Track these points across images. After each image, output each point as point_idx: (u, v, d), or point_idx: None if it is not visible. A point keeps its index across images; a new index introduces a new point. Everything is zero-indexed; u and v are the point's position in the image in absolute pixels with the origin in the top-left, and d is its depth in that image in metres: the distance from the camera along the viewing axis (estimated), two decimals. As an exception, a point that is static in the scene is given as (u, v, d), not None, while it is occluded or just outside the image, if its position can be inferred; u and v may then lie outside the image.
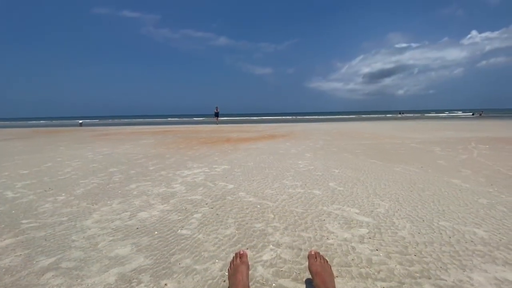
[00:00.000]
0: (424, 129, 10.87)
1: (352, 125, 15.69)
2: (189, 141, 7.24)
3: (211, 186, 2.83)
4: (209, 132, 11.10)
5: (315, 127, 13.87)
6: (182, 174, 3.37)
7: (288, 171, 3.46)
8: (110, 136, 9.87)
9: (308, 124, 17.88)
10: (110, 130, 14.26)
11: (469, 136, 7.29)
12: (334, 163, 3.89)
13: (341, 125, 15.38)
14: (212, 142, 6.92)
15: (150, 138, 8.58)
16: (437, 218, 1.94)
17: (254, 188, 2.73)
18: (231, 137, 8.32)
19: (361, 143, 6.26)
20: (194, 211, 2.15)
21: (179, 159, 4.44)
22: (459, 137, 7.18)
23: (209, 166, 3.82)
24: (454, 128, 10.81)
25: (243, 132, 10.79)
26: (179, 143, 6.91)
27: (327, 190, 2.60)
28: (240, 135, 9.05)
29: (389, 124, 16.29)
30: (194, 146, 6.22)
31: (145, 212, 2.16)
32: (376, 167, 3.61)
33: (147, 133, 11.13)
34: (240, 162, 4.09)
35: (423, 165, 3.68)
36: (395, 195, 2.42)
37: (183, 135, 9.39)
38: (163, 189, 2.75)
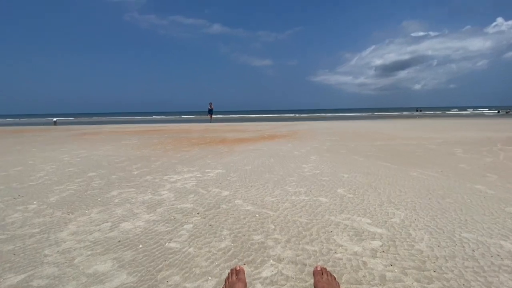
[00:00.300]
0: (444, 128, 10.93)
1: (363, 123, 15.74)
2: (179, 142, 7.23)
3: (203, 193, 2.83)
4: (201, 131, 11.10)
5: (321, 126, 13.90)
6: (171, 180, 3.36)
7: (291, 176, 3.46)
8: (88, 136, 9.84)
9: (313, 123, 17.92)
10: (89, 129, 14.22)
11: (494, 136, 7.34)
12: (343, 167, 3.90)
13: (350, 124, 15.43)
14: (204, 143, 6.92)
15: (134, 138, 8.57)
16: (459, 229, 1.94)
17: (253, 195, 2.73)
18: (226, 138, 8.32)
19: (373, 144, 6.28)
20: (184, 222, 2.14)
21: (166, 162, 4.43)
22: (483, 137, 7.22)
23: (201, 170, 3.82)
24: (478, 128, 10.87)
25: (240, 131, 10.80)
26: (167, 144, 6.90)
27: (335, 198, 2.61)
28: (236, 135, 9.05)
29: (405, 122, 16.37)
30: (184, 147, 6.21)
31: (128, 222, 2.15)
32: (390, 171, 3.62)
33: (131, 132, 11.11)
34: (236, 166, 4.09)
35: (443, 169, 3.69)
36: (412, 203, 2.43)
37: (171, 135, 9.37)
38: (148, 197, 2.74)
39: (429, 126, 12.23)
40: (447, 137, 7.52)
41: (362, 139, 7.38)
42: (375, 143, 6.38)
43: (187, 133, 10.37)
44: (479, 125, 12.77)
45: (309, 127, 13.18)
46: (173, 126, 16.23)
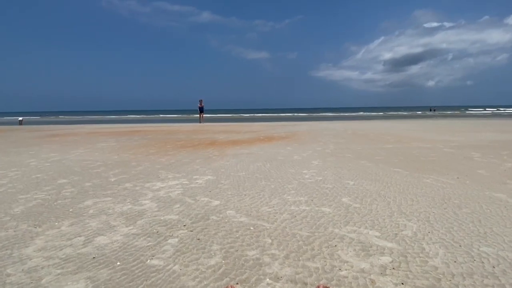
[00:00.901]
0: (461, 129, 11.08)
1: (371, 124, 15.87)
2: (163, 145, 7.21)
3: (190, 202, 2.82)
4: (189, 132, 11.07)
5: (324, 126, 13.98)
6: (153, 187, 3.35)
7: (290, 183, 3.47)
8: (59, 137, 9.75)
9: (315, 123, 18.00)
10: (60, 129, 14.09)
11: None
12: (348, 173, 3.92)
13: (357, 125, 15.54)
14: (192, 146, 6.90)
15: (112, 140, 8.52)
16: (477, 242, 1.96)
17: (247, 205, 2.73)
18: (217, 140, 8.31)
19: (382, 147, 6.33)
20: (169, 235, 2.13)
21: (149, 168, 4.41)
22: (504, 140, 7.33)
23: (188, 177, 3.80)
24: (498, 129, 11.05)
25: (233, 132, 10.80)
26: (149, 146, 6.87)
27: (340, 208, 2.61)
28: (228, 137, 9.05)
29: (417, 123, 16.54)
30: (169, 150, 6.18)
31: (105, 236, 2.13)
32: (401, 178, 3.65)
33: (109, 133, 11.05)
34: (228, 172, 4.08)
35: (460, 175, 3.74)
36: (425, 214, 2.45)
37: (155, 137, 9.34)
38: (128, 207, 2.72)
39: (444, 127, 12.38)
40: (464, 139, 7.62)
41: (370, 141, 7.43)
42: (384, 146, 6.43)
43: (172, 134, 10.34)
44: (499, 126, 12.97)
45: (311, 128, 13.24)
46: (157, 126, 16.16)
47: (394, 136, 8.62)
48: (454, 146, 6.35)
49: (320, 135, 9.20)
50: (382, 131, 10.60)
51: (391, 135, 9.10)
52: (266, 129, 12.78)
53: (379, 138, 8.25)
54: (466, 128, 12.07)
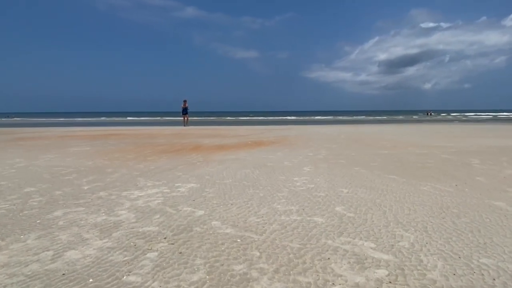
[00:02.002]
0: (458, 134, 11.37)
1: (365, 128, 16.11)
2: (142, 149, 7.14)
3: (172, 212, 2.79)
4: (171, 136, 10.98)
5: (316, 130, 14.11)
6: (131, 196, 3.30)
7: (280, 191, 3.47)
8: (27, 141, 9.51)
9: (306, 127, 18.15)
10: (27, 132, 13.74)
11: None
12: (342, 180, 3.95)
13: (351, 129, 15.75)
14: (174, 151, 6.85)
15: (86, 144, 8.38)
16: (477, 254, 2.01)
17: (233, 215, 2.71)
18: (201, 144, 8.27)
19: (377, 153, 6.42)
20: (147, 249, 2.09)
21: (126, 175, 4.35)
22: (503, 145, 7.57)
23: (169, 185, 3.77)
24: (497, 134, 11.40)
25: (219, 137, 10.77)
26: (127, 151, 6.79)
27: (333, 217, 2.63)
28: (214, 141, 9.02)
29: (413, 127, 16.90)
30: (148, 156, 6.13)
31: (76, 250, 2.08)
32: (397, 185, 3.71)
33: (82, 137, 10.86)
34: (213, 179, 4.06)
35: (458, 182, 3.82)
36: (423, 224, 2.49)
37: (133, 141, 9.24)
38: (102, 218, 2.67)
39: (441, 132, 12.69)
40: (462, 145, 7.82)
41: (364, 147, 7.54)
42: (379, 152, 6.53)
43: (153, 138, 10.24)
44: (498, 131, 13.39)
45: (302, 132, 13.34)
46: (135, 129, 15.97)
47: (390, 141, 8.77)
48: (452, 152, 6.51)
49: (312, 140, 9.27)
50: (377, 136, 10.78)
51: (387, 140, 9.26)
52: (255, 133, 12.81)
53: (374, 143, 8.38)
54: (464, 133, 12.40)
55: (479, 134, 11.81)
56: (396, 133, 12.64)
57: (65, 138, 10.61)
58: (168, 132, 13.56)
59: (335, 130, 14.84)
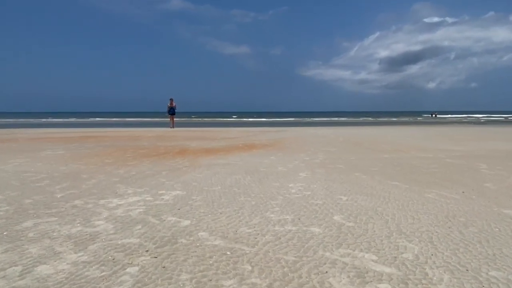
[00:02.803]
0: (465, 137, 11.55)
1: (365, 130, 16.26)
2: (122, 153, 7.09)
3: (154, 223, 2.76)
4: (155, 139, 10.92)
5: (313, 133, 14.18)
6: (109, 205, 3.27)
7: (274, 198, 3.47)
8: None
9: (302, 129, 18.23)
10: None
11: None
12: (341, 187, 3.97)
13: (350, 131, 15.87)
14: (158, 155, 6.82)
15: (60, 147, 8.29)
16: (485, 266, 2.02)
17: (222, 225, 2.70)
18: (188, 147, 8.24)
19: (379, 157, 6.48)
20: (127, 263, 2.07)
21: (104, 181, 4.31)
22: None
23: (152, 192, 3.74)
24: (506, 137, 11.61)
25: (207, 139, 10.75)
26: (105, 155, 6.74)
27: (331, 227, 2.63)
28: (201, 144, 9.00)
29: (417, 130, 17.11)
30: (129, 160, 6.08)
31: (47, 265, 2.04)
32: (400, 192, 3.74)
33: (56, 139, 10.74)
34: (200, 186, 4.04)
35: (465, 189, 3.87)
36: (428, 234, 2.50)
37: (112, 144, 9.17)
38: (77, 229, 2.63)
39: (447, 135, 12.87)
40: (469, 148, 7.94)
41: (364, 150, 7.59)
42: (380, 156, 6.58)
43: (134, 140, 10.17)
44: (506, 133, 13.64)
45: (297, 134, 13.39)
46: (116, 131, 15.84)
47: (392, 145, 8.86)
48: (458, 156, 6.60)
49: (308, 143, 9.31)
50: (378, 139, 10.88)
51: (388, 143, 9.35)
52: (246, 135, 12.81)
53: (374, 146, 8.45)
54: (470, 135, 12.60)
55: (487, 136, 12.01)
56: (398, 135, 12.77)
57: (37, 140, 10.47)
58: (152, 134, 13.48)
59: (333, 132, 14.94)
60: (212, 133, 14.43)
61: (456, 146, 8.44)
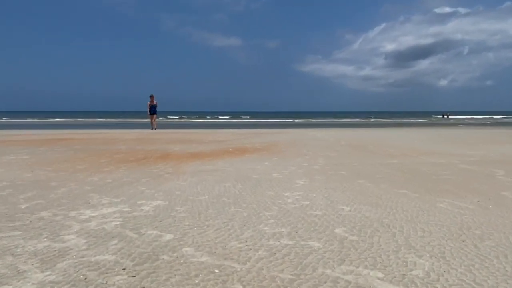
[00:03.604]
0: (480, 140, 11.68)
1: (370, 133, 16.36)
2: (96, 158, 7.05)
3: (133, 237, 2.74)
4: (133, 141, 10.86)
5: (311, 135, 14.23)
6: (81, 217, 3.24)
7: (268, 209, 3.47)
8: None
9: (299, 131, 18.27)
10: None
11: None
12: (343, 196, 3.99)
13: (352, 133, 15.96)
14: (136, 160, 6.78)
15: (25, 151, 8.20)
16: (504, 284, 2.04)
17: (210, 239, 2.69)
18: (171, 152, 8.21)
19: (385, 162, 6.52)
20: (102, 283, 2.05)
21: (75, 190, 4.28)
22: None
23: (129, 202, 3.72)
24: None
25: (193, 142, 10.71)
26: (76, 161, 6.69)
27: (332, 241, 2.64)
28: (186, 148, 8.97)
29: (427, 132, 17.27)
30: (103, 166, 6.04)
31: (10, 286, 2.02)
32: (409, 202, 3.76)
33: (21, 142, 10.62)
34: (185, 195, 4.03)
35: (480, 198, 3.91)
36: (439, 248, 2.52)
37: (85, 147, 9.10)
38: (44, 244, 2.60)
39: (460, 138, 13.01)
40: (485, 153, 8.03)
41: (369, 155, 7.64)
42: (387, 162, 6.63)
43: (110, 144, 10.10)
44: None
45: (295, 137, 13.41)
46: (88, 133, 15.71)
47: (399, 149, 8.92)
48: (473, 161, 6.67)
49: (307, 147, 9.33)
50: (384, 142, 10.95)
51: (395, 147, 9.41)
52: (237, 138, 12.80)
53: (380, 150, 8.50)
54: (486, 138, 12.75)
55: (504, 140, 12.17)
56: (407, 138, 12.88)
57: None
58: (130, 136, 13.39)
59: (334, 134, 15.00)
60: (199, 135, 14.39)
61: (471, 150, 8.53)
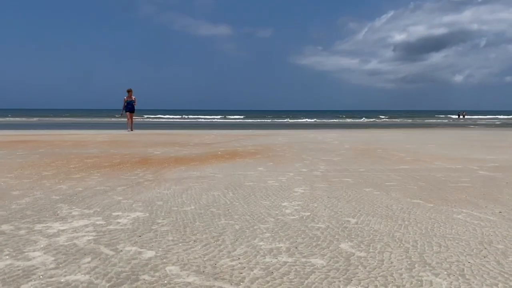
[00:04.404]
0: (501, 144, 11.80)
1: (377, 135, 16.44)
2: (65, 163, 7.02)
3: (108, 254, 2.72)
4: (107, 144, 10.80)
5: (312, 137, 14.26)
6: (48, 231, 3.21)
7: (264, 221, 3.46)
8: None
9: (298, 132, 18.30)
10: None
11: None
12: (348, 206, 3.99)
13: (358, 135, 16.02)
14: (111, 165, 6.76)
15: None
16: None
17: (198, 256, 2.67)
18: (151, 156, 8.18)
19: (395, 168, 6.55)
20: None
21: (41, 200, 4.24)
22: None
23: (104, 214, 3.70)
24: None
25: (176, 145, 10.68)
26: (43, 166, 6.65)
27: (337, 258, 2.63)
28: (169, 152, 8.95)
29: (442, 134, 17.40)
30: (74, 172, 6.01)
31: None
32: (423, 213, 3.77)
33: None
34: (168, 205, 4.02)
35: (503, 208, 3.94)
36: (458, 265, 2.52)
37: (51, 151, 9.06)
38: (6, 262, 2.57)
39: (479, 140, 13.13)
40: (507, 157, 8.11)
41: (377, 160, 7.67)
42: (397, 167, 6.66)
43: (80, 147, 10.04)
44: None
45: (293, 139, 13.44)
46: (55, 134, 15.59)
47: (411, 153, 8.97)
48: (493, 167, 6.72)
49: (306, 150, 9.35)
50: (394, 145, 11.01)
51: (407, 151, 9.47)
52: (227, 140, 12.79)
53: (389, 155, 8.54)
54: (508, 141, 12.88)
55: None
56: (419, 141, 12.96)
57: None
58: (104, 138, 13.32)
59: (337, 136, 15.05)
60: (183, 137, 14.35)
61: (491, 155, 8.60)
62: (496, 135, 16.77)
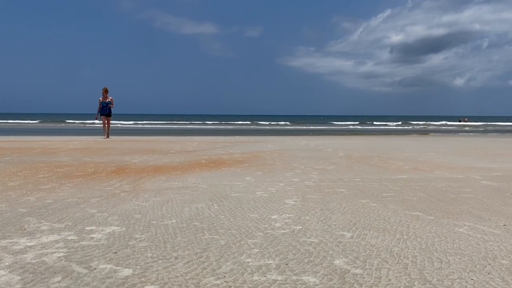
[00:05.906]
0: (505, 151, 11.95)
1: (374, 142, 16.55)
2: (33, 172, 6.95)
3: (81, 272, 2.69)
4: (80, 152, 10.71)
5: (303, 144, 14.30)
6: (14, 247, 3.16)
7: (252, 236, 3.45)
8: None
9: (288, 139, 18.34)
10: None
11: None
12: (343, 219, 4.00)
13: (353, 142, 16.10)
14: (84, 175, 6.71)
15: None
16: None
17: (179, 274, 2.66)
18: (128, 165, 8.13)
19: (392, 178, 6.59)
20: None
21: (7, 213, 4.20)
22: None
23: (76, 228, 3.66)
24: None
25: (156, 153, 10.63)
26: (8, 176, 6.59)
27: (331, 276, 2.63)
28: (148, 160, 8.90)
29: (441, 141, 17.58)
30: (42, 183, 5.95)
31: None
32: (422, 226, 3.80)
33: None
34: (147, 219, 3.99)
35: (507, 221, 3.98)
36: (460, 282, 2.54)
37: (18, 159, 8.98)
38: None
39: (481, 148, 13.29)
40: (511, 166, 8.20)
41: (373, 169, 7.71)
42: (394, 177, 6.70)
43: (50, 154, 9.94)
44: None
45: (283, 146, 13.45)
46: (22, 140, 15.41)
47: (409, 161, 9.04)
48: (497, 176, 6.80)
49: (297, 158, 9.37)
50: (391, 153, 11.09)
51: (405, 159, 9.54)
52: (212, 147, 12.76)
53: (386, 164, 8.60)
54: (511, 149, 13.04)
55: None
56: (418, 149, 13.07)
57: None
58: (77, 145, 13.20)
59: (330, 143, 15.11)
60: (163, 143, 14.29)
61: (494, 164, 8.70)
62: (499, 142, 16.99)
